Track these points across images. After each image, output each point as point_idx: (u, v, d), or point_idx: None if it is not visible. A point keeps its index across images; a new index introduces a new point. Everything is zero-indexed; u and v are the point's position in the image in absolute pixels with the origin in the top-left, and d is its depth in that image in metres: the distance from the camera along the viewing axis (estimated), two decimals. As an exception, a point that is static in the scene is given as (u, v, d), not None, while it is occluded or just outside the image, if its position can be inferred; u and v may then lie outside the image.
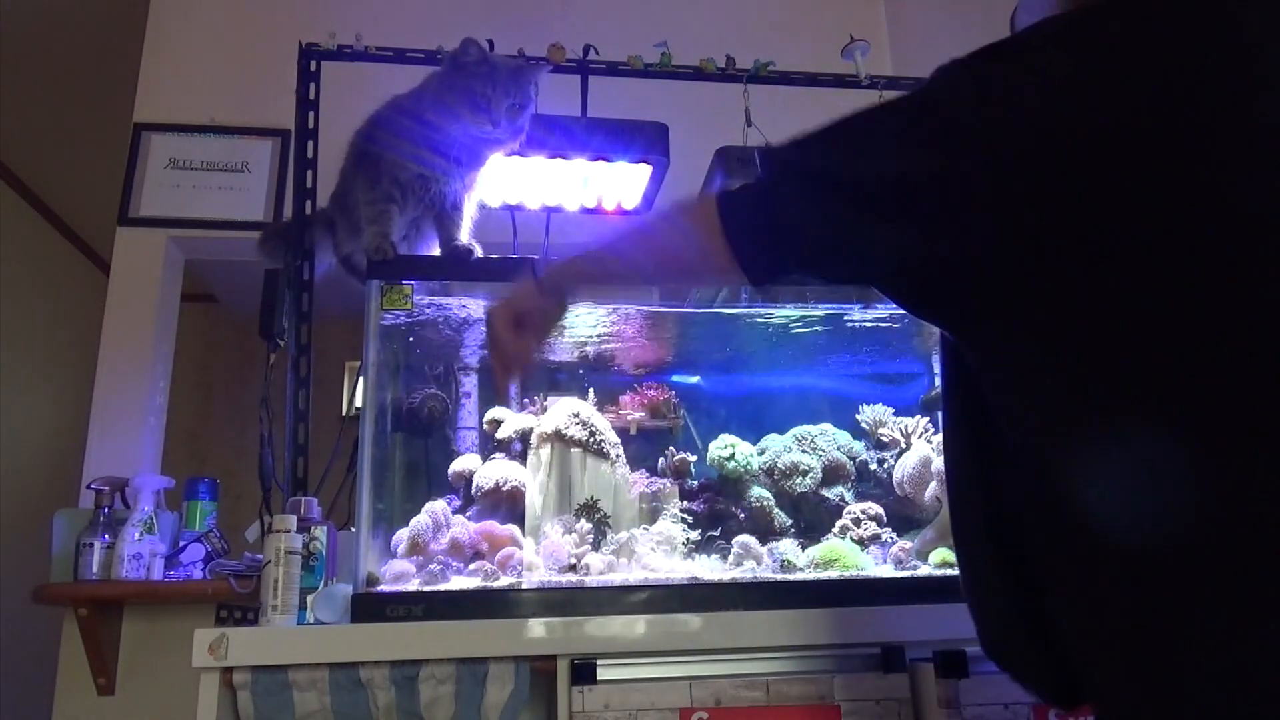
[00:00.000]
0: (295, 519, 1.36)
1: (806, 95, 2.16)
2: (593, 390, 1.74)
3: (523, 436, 1.67)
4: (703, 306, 1.74)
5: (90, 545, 1.87)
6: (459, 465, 1.66)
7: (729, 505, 1.62)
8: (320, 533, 1.43)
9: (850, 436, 1.75)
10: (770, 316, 1.74)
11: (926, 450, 1.65)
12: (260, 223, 2.64)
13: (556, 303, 1.03)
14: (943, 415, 0.89)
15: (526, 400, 1.76)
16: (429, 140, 1.60)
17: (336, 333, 2.36)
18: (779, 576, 1.44)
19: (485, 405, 1.77)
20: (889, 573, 1.48)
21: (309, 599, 1.35)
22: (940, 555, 1.50)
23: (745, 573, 1.46)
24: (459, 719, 1.23)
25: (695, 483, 1.67)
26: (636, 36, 2.05)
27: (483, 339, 1.79)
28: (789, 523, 1.62)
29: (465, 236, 1.68)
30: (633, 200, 2.00)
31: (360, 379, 1.54)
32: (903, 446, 1.72)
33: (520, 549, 1.49)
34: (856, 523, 1.59)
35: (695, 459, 1.71)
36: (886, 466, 1.72)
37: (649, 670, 1.22)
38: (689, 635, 1.25)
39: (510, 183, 1.90)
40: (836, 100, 2.18)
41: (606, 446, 1.63)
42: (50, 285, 3.88)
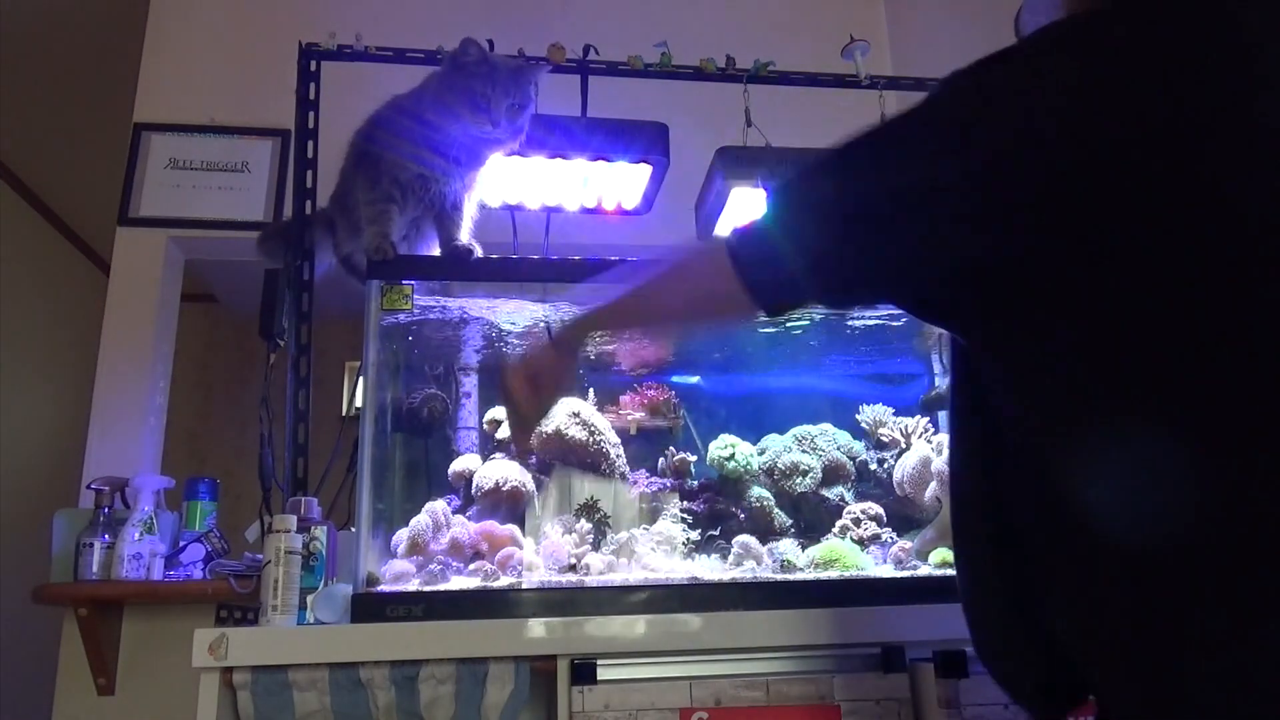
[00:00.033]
0: (295, 519, 1.36)
1: (806, 95, 2.16)
2: (593, 390, 1.74)
3: (523, 436, 1.67)
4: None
5: (90, 545, 1.87)
6: (459, 465, 1.66)
7: (729, 505, 1.62)
8: (320, 533, 1.43)
9: (850, 436, 1.75)
10: (770, 316, 1.73)
11: (926, 450, 1.65)
12: (260, 223, 2.64)
13: (570, 360, 1.07)
14: (948, 415, 0.89)
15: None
16: (429, 140, 1.60)
17: (336, 333, 2.36)
18: (779, 576, 1.44)
19: (485, 405, 1.77)
20: (889, 573, 1.48)
21: (309, 599, 1.35)
22: (940, 555, 1.50)
23: (745, 573, 1.46)
24: (459, 719, 1.23)
25: (695, 483, 1.67)
26: (636, 36, 2.05)
27: (482, 339, 1.79)
28: (789, 523, 1.62)
29: (465, 236, 1.68)
30: (633, 200, 2.00)
31: (360, 379, 1.54)
32: (903, 446, 1.72)
33: (520, 549, 1.49)
34: (856, 523, 1.59)
35: (695, 459, 1.71)
36: (886, 466, 1.72)
37: (649, 670, 1.22)
38: (689, 635, 1.25)
39: (510, 183, 1.90)
40: (837, 100, 2.18)
41: (606, 446, 1.63)
42: (50, 285, 3.88)
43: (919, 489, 1.63)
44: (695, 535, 1.55)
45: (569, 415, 1.63)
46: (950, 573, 1.43)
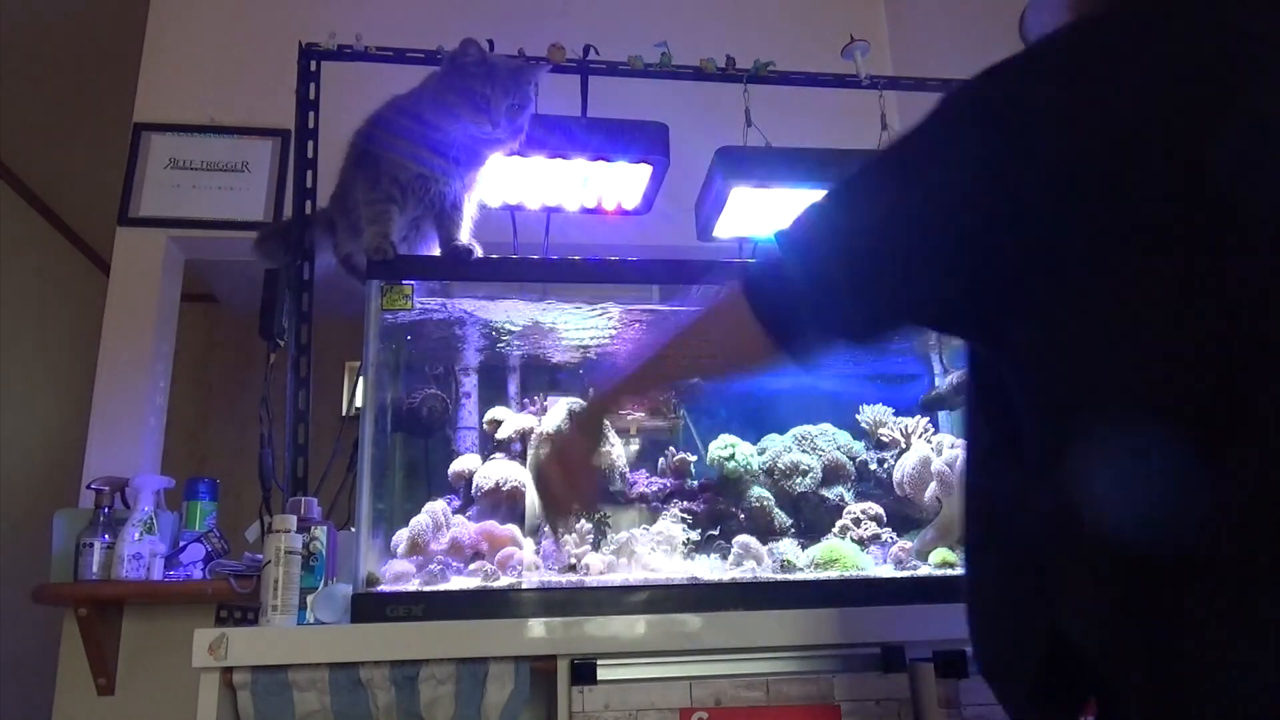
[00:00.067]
0: (295, 519, 1.36)
1: (806, 95, 2.16)
2: (593, 390, 1.74)
3: (523, 436, 1.67)
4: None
5: (90, 545, 1.87)
6: (459, 465, 1.66)
7: (729, 505, 1.62)
8: (320, 533, 1.43)
9: (850, 436, 1.75)
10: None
11: (926, 450, 1.65)
12: (260, 223, 2.64)
13: (596, 436, 1.09)
14: (964, 422, 0.89)
15: (526, 400, 1.77)
16: (429, 140, 1.60)
17: (336, 333, 2.36)
18: (779, 576, 1.44)
19: (485, 405, 1.77)
20: (889, 573, 1.48)
21: (309, 599, 1.35)
22: (940, 555, 1.50)
23: (745, 573, 1.46)
24: (459, 719, 1.23)
25: (695, 483, 1.67)
26: (636, 36, 2.05)
27: (482, 339, 1.79)
28: (789, 523, 1.62)
29: (465, 236, 1.68)
30: (633, 200, 2.00)
31: (360, 379, 1.54)
32: (903, 446, 1.72)
33: (520, 549, 1.49)
34: (856, 523, 1.59)
35: (695, 459, 1.71)
36: (886, 466, 1.72)
37: (649, 670, 1.22)
38: (689, 635, 1.25)
39: (510, 183, 1.90)
40: (837, 100, 2.18)
41: (607, 446, 1.63)
42: (50, 285, 3.88)
43: (919, 489, 1.63)
44: (695, 535, 1.55)
45: (569, 415, 1.62)
46: (951, 573, 1.44)
